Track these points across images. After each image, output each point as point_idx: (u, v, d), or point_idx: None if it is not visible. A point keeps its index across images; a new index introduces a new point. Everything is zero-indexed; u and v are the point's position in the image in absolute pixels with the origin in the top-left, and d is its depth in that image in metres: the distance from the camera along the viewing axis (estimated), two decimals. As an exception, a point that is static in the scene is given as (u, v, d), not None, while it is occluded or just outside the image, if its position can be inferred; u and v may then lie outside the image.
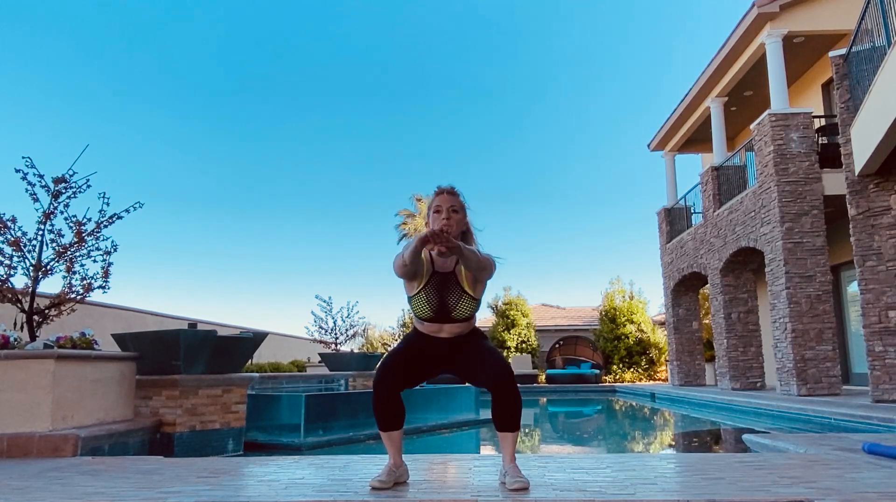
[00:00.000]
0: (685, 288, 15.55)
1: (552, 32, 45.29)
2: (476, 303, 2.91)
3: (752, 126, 10.96)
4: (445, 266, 2.90)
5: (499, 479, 2.93)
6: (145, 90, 41.68)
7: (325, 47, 44.80)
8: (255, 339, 6.44)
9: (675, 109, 15.02)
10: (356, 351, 15.80)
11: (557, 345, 22.04)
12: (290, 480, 3.16)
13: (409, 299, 2.91)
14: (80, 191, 5.66)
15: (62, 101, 40.00)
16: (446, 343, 2.94)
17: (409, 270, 2.80)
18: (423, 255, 2.88)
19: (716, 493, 2.60)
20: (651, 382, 20.03)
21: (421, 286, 2.86)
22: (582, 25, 45.59)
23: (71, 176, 5.64)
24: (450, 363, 2.98)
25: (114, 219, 5.80)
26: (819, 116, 10.90)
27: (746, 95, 13.55)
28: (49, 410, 4.57)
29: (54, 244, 5.54)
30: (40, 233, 5.51)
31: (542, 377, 20.38)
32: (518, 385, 2.79)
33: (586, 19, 45.76)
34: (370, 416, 2.92)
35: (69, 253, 5.58)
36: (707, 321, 17.58)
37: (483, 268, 2.79)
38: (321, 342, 14.37)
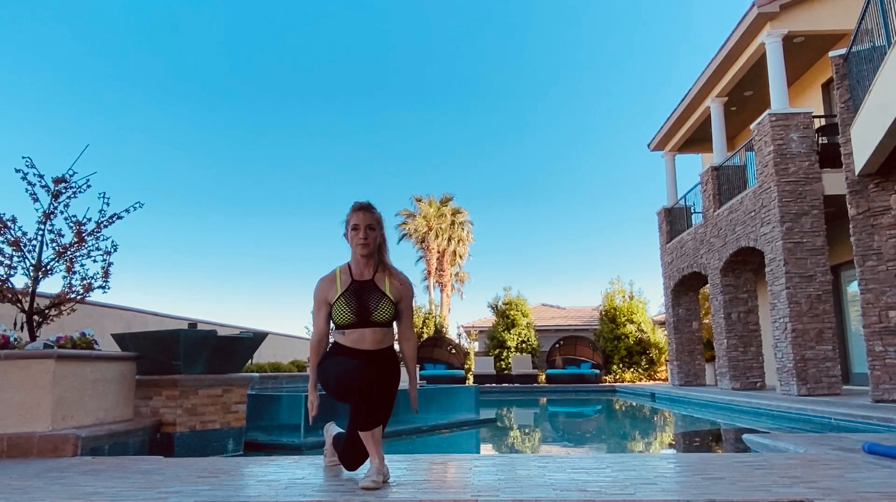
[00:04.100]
0: (685, 288, 15.55)
1: (553, 33, 45.31)
2: (395, 307, 3.08)
3: (752, 126, 10.96)
4: (364, 275, 3.07)
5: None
6: (145, 90, 41.71)
7: (327, 46, 44.82)
8: (255, 339, 6.44)
9: (675, 109, 15.01)
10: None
11: (557, 345, 22.02)
12: (290, 480, 3.16)
13: (330, 313, 3.05)
14: (80, 191, 5.67)
15: (62, 100, 40.03)
16: (368, 358, 3.00)
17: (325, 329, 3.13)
18: (337, 270, 3.10)
19: (716, 493, 2.60)
20: (651, 382, 20.03)
21: (340, 293, 3.01)
22: (582, 26, 45.62)
23: (71, 176, 5.64)
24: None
25: (114, 219, 5.80)
26: (819, 116, 10.89)
27: (746, 95, 13.55)
28: (49, 410, 4.57)
29: (54, 244, 5.54)
30: (40, 233, 5.51)
31: (542, 377, 20.36)
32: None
33: (586, 19, 45.78)
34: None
35: (69, 253, 5.58)
36: (707, 321, 17.58)
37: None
38: (321, 342, 14.34)
